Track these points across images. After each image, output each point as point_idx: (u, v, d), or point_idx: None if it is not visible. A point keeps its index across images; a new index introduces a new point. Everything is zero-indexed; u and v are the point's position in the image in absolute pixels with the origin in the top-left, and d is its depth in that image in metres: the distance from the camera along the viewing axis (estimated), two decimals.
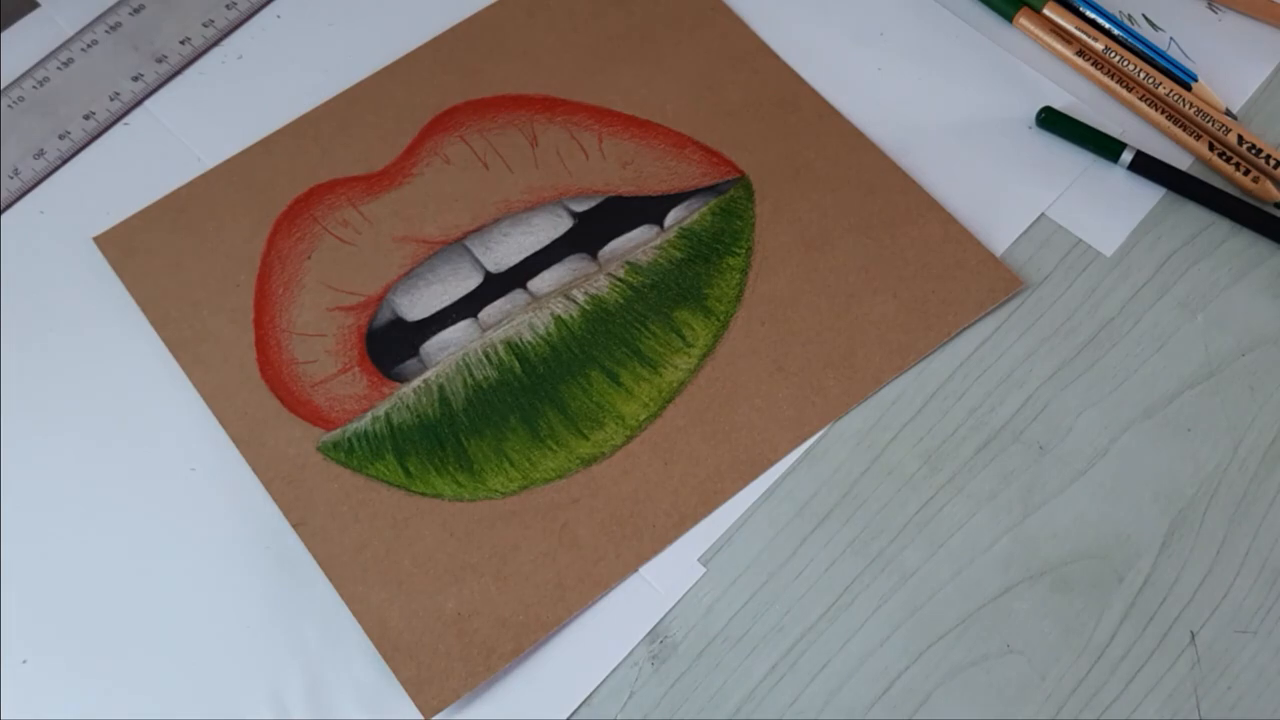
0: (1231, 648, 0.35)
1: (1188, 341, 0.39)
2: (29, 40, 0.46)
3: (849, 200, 0.41)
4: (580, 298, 0.39)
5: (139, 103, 0.44)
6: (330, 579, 0.35)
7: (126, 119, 0.44)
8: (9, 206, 0.42)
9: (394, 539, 0.36)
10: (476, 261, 0.40)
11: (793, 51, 0.45)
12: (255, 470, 0.37)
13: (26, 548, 0.36)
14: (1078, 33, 0.45)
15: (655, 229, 0.41)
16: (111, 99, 0.44)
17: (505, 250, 0.41)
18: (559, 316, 0.39)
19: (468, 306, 0.40)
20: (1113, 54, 0.44)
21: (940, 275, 0.40)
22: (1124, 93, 0.44)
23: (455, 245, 0.40)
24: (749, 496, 0.37)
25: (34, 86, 0.45)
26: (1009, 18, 0.46)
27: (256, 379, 0.39)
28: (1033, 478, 0.37)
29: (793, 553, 0.36)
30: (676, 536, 0.36)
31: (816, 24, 0.46)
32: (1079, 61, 0.44)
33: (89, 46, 0.45)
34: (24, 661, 0.35)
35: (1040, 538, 0.36)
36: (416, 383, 0.38)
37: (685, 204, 0.41)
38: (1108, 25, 0.45)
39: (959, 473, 0.37)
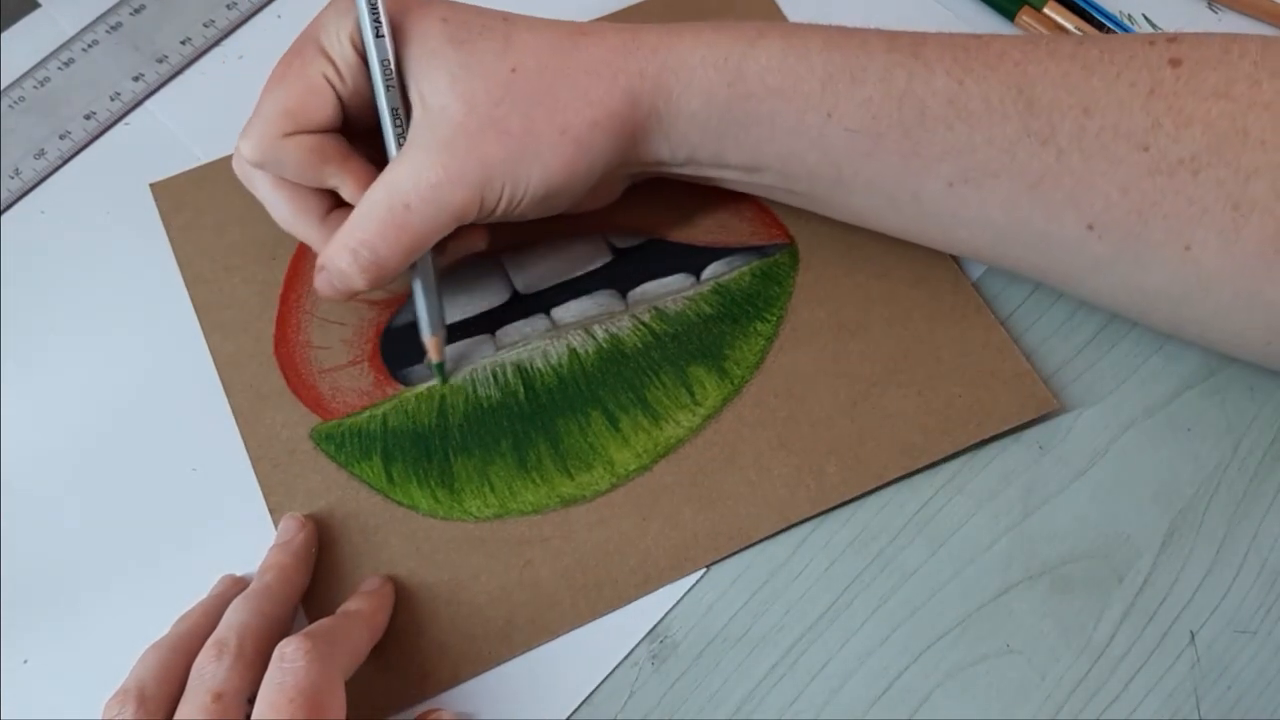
0: (1231, 648, 0.35)
1: (1187, 341, 0.39)
2: (30, 40, 0.46)
3: (894, 287, 0.39)
4: (600, 334, 0.39)
5: (140, 103, 0.45)
6: None
7: (127, 119, 0.44)
8: (10, 206, 0.42)
9: (362, 543, 0.36)
10: (507, 278, 0.40)
11: None
12: (247, 447, 0.37)
13: (27, 546, 0.36)
14: (1078, 32, 0.45)
15: (691, 279, 0.40)
16: (112, 99, 0.44)
17: (539, 273, 0.40)
18: (574, 349, 0.38)
19: (487, 322, 0.39)
20: None
21: (971, 381, 0.38)
22: None
23: (490, 258, 0.40)
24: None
25: (35, 86, 0.45)
26: (1010, 16, 0.46)
27: (269, 354, 0.39)
28: (1033, 478, 0.37)
29: (792, 552, 0.36)
30: (636, 597, 0.35)
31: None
32: None
33: (90, 46, 0.46)
34: (24, 661, 0.35)
35: (1040, 538, 0.36)
36: (420, 389, 0.38)
37: (727, 260, 0.40)
38: (1109, 25, 0.45)
39: (959, 473, 0.37)
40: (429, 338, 0.37)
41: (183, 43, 0.46)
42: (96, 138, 0.44)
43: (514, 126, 0.33)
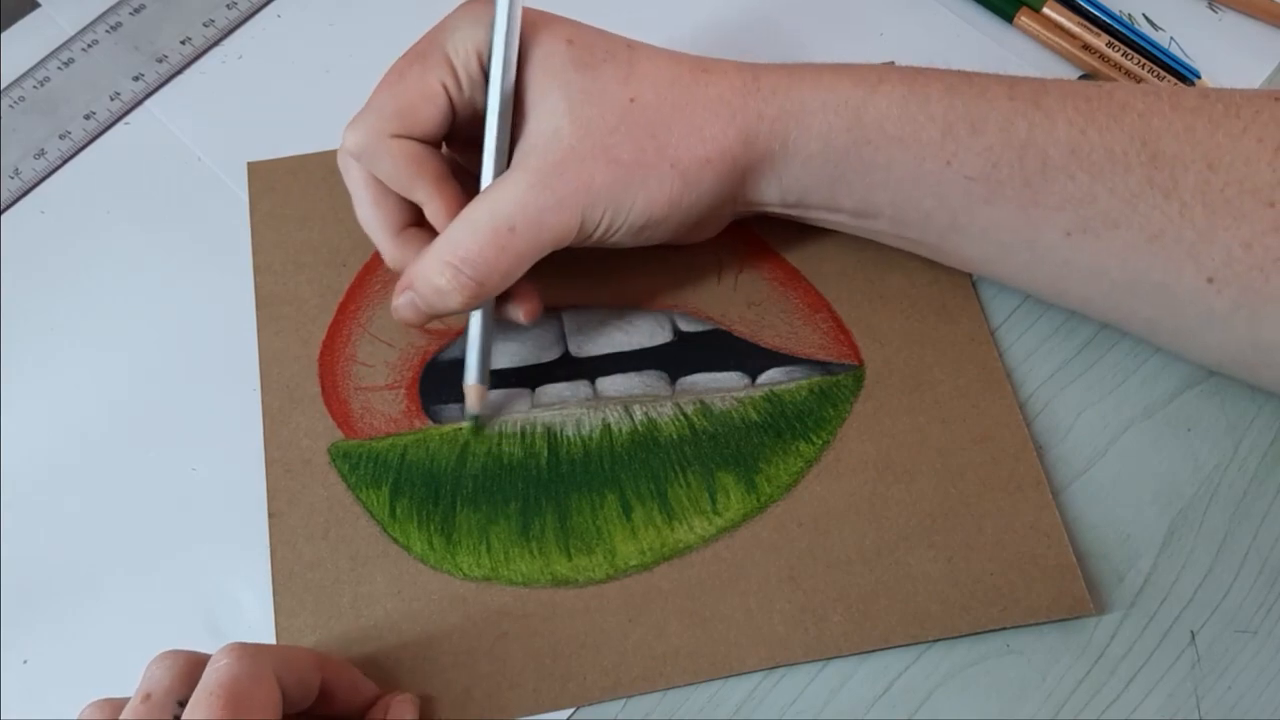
0: (1231, 648, 0.35)
1: None
2: (29, 40, 0.46)
3: (955, 439, 0.37)
4: (638, 416, 0.37)
5: (140, 102, 0.45)
6: (273, 583, 0.35)
7: (127, 119, 0.44)
8: (9, 206, 0.42)
9: (348, 571, 0.35)
10: (563, 337, 0.39)
11: (791, 51, 0.45)
12: (266, 448, 0.37)
13: (27, 546, 0.36)
14: (1078, 31, 0.45)
15: (745, 380, 0.38)
16: (112, 99, 0.44)
17: (595, 339, 0.39)
18: (609, 425, 0.37)
19: (531, 376, 0.38)
20: (1116, 50, 0.44)
21: (1008, 561, 0.35)
22: None
23: (552, 313, 0.39)
24: None
25: (35, 86, 0.45)
26: (1009, 18, 0.46)
27: (313, 358, 0.38)
28: None
29: None
30: (600, 699, 0.33)
31: (815, 24, 0.46)
32: (1084, 57, 0.44)
33: (90, 46, 0.46)
34: (24, 661, 0.35)
35: None
36: (446, 429, 0.37)
37: (787, 369, 0.38)
38: (1109, 23, 0.45)
39: None
40: (472, 385, 0.36)
41: (183, 43, 0.46)
42: (96, 138, 0.44)
43: (624, 156, 0.33)
